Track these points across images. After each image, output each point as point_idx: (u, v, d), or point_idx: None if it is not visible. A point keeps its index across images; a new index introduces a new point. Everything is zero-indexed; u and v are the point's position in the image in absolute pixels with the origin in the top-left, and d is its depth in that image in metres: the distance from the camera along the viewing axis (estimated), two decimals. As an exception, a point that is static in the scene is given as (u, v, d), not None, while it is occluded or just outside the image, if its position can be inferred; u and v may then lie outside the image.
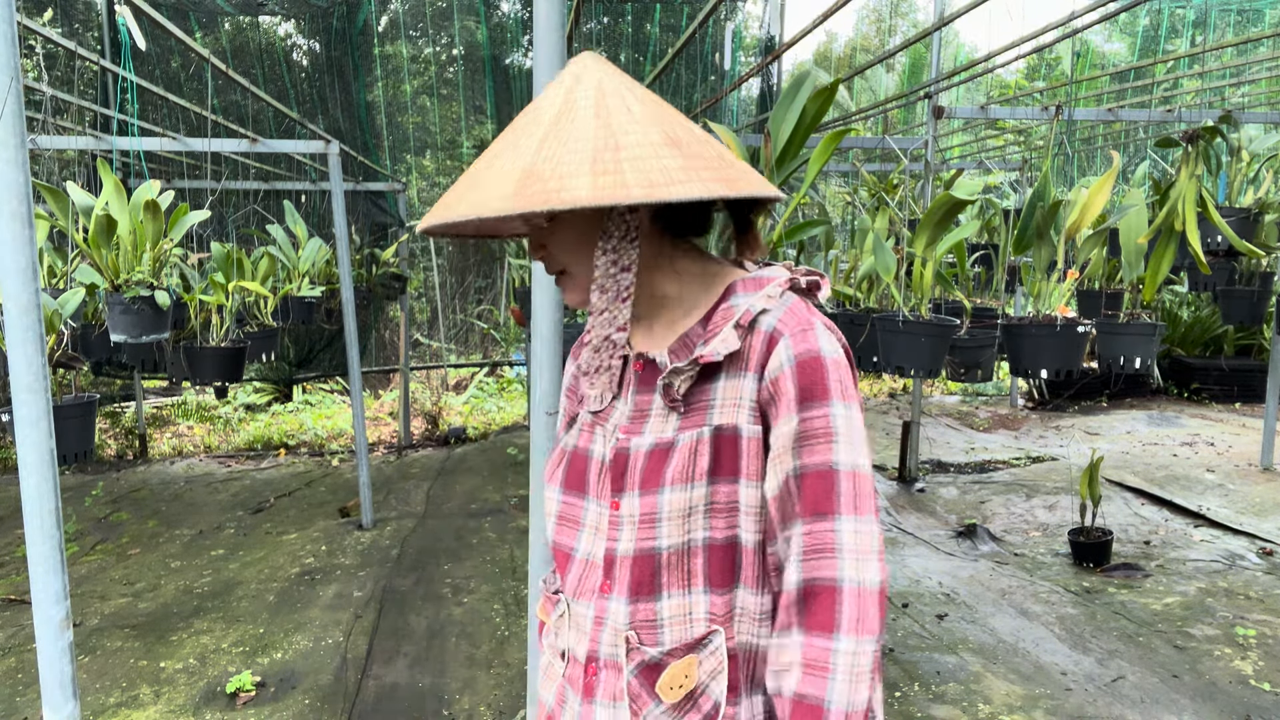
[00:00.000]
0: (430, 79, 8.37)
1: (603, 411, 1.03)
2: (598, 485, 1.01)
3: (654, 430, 0.97)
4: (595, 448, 1.03)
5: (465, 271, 9.88)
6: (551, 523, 1.08)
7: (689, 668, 0.95)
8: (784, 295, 0.97)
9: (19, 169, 1.50)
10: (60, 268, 3.97)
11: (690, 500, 0.93)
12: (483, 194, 0.85)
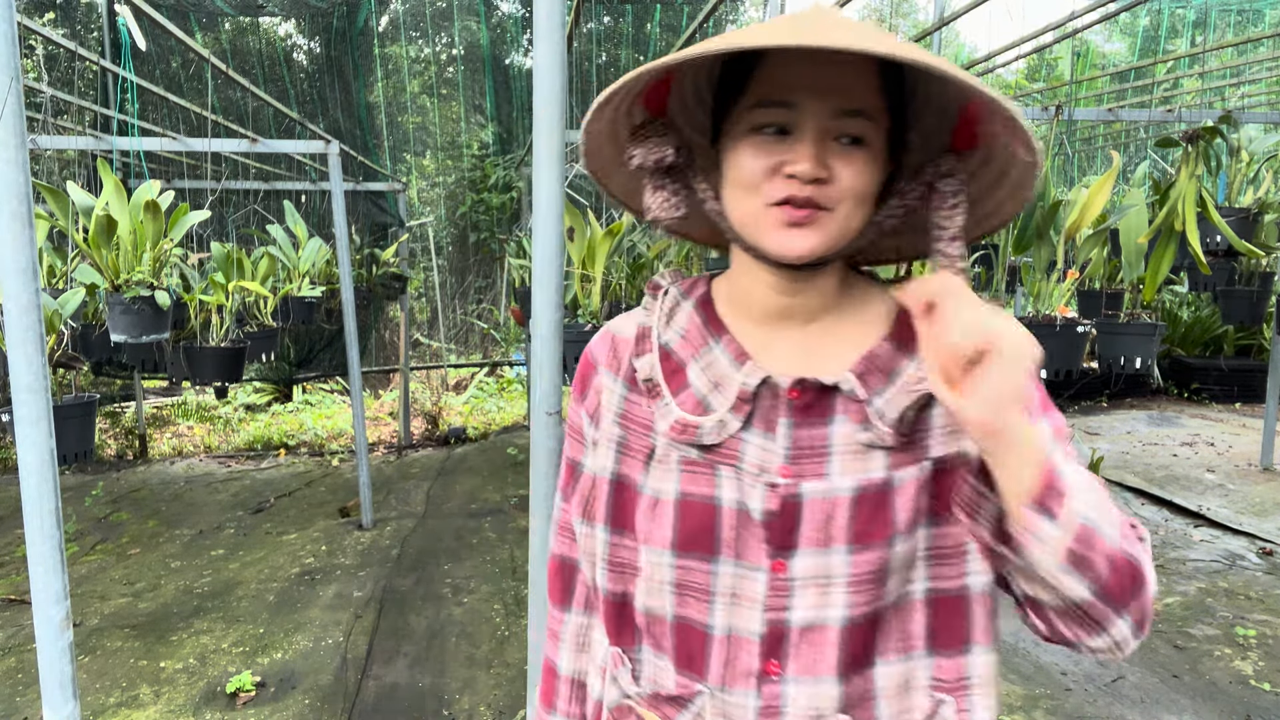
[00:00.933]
0: (430, 79, 8.37)
1: (722, 446, 0.80)
2: (737, 543, 0.79)
3: (849, 471, 0.78)
4: (724, 494, 0.80)
5: (465, 271, 9.88)
6: (666, 593, 0.82)
7: None
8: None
9: (19, 169, 1.50)
10: (60, 268, 3.97)
11: (915, 548, 0.78)
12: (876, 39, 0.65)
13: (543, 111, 1.44)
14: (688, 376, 0.84)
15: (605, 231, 3.31)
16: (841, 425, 0.79)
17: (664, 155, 0.80)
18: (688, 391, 0.83)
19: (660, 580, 0.83)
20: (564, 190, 1.45)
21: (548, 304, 1.50)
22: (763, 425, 0.80)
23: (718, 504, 0.80)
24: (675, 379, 0.84)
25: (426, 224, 9.37)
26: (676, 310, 0.88)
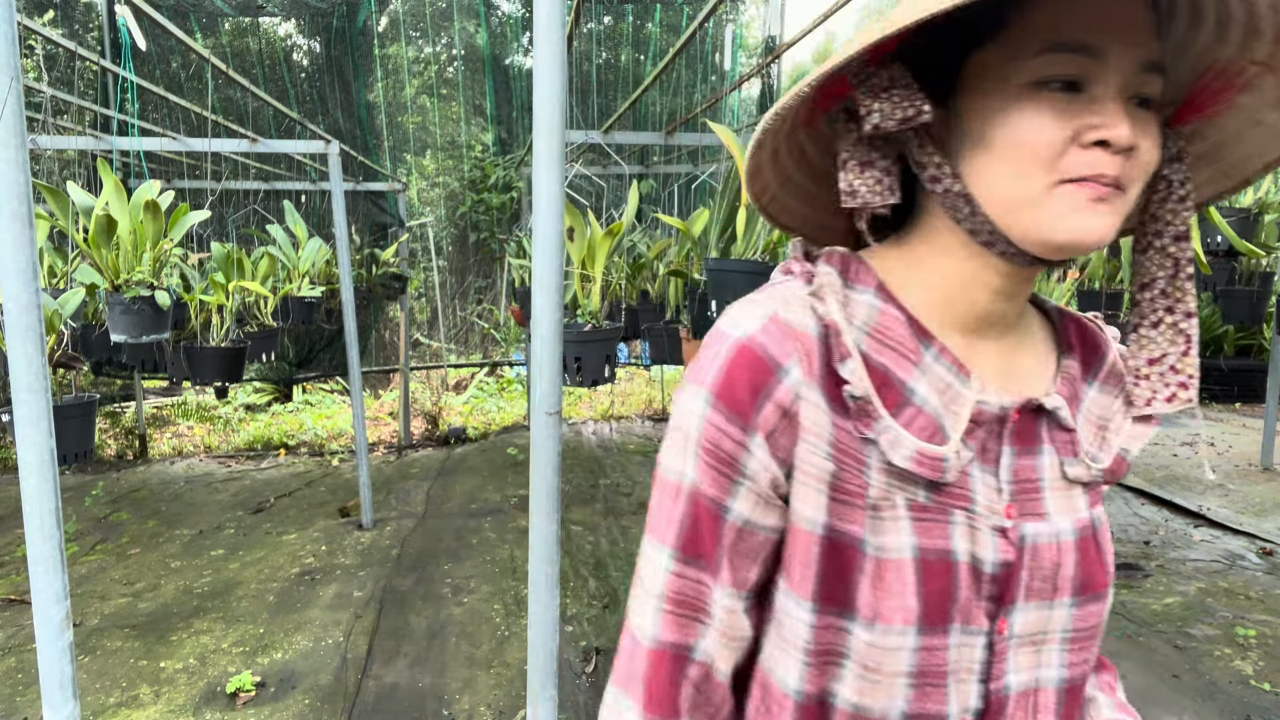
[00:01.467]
0: (430, 79, 8.37)
1: (956, 484, 0.64)
2: (968, 605, 0.64)
3: (1062, 509, 0.67)
4: (959, 545, 0.64)
5: (465, 271, 9.88)
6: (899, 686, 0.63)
7: None
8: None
9: (19, 169, 1.50)
10: (60, 268, 3.97)
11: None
12: None
13: (543, 111, 1.44)
14: (906, 393, 0.64)
15: (605, 231, 3.31)
16: (1048, 456, 0.68)
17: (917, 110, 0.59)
18: (910, 412, 0.64)
19: (893, 670, 0.62)
20: (564, 190, 1.45)
21: (548, 304, 1.50)
22: (980, 455, 0.66)
23: (954, 559, 0.63)
24: (884, 396, 0.64)
25: (426, 224, 9.37)
26: (850, 301, 0.66)
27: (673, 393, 0.74)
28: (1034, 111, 0.58)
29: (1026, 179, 0.58)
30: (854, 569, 0.63)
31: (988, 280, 0.65)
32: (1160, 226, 0.66)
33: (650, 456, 6.47)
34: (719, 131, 3.11)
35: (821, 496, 0.63)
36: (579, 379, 3.10)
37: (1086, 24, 0.57)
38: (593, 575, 4.07)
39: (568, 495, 5.44)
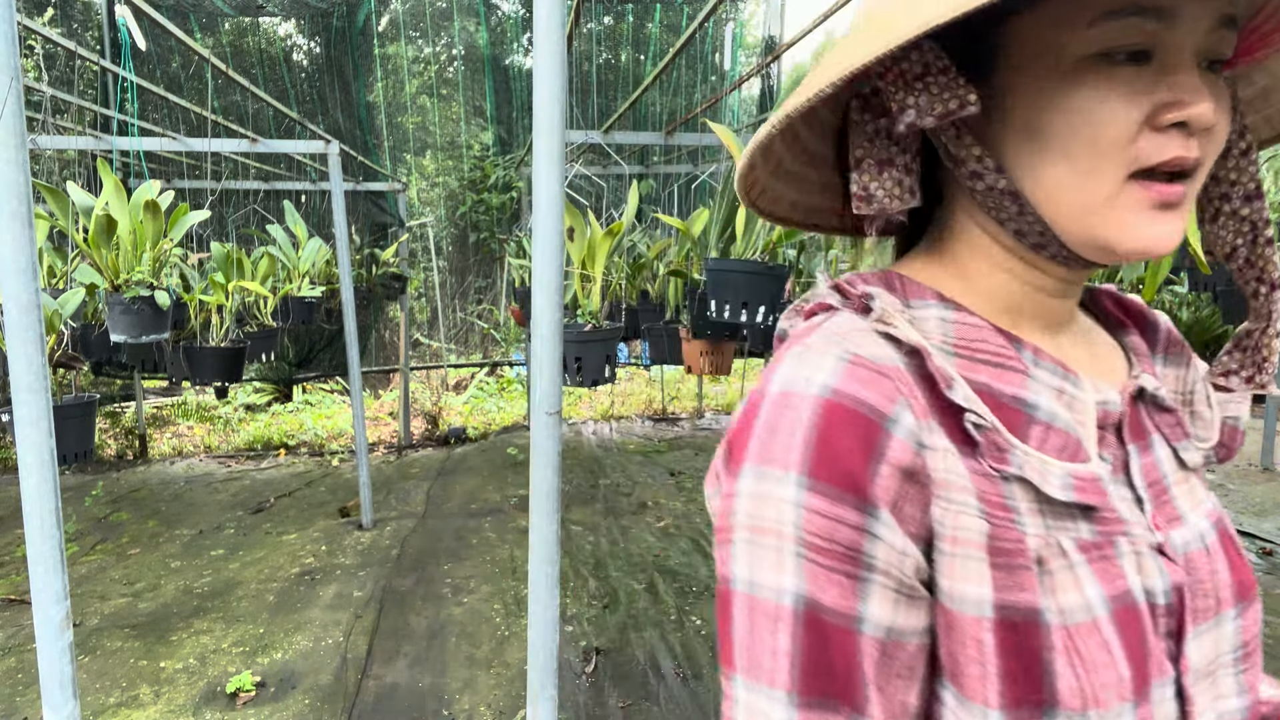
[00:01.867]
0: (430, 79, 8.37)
1: (1103, 511, 0.52)
2: (1156, 653, 0.51)
3: (1192, 505, 0.57)
4: (1134, 581, 0.51)
5: (465, 271, 9.88)
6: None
7: None
8: None
9: (19, 169, 1.50)
10: (60, 268, 3.97)
11: None
12: None
13: (543, 111, 1.44)
14: (1028, 410, 0.52)
15: (605, 231, 3.31)
16: (1161, 447, 0.58)
17: (961, 101, 0.49)
18: (1039, 431, 0.52)
19: None
20: (564, 190, 1.45)
21: (548, 304, 1.50)
22: (1120, 460, 0.56)
23: (1136, 600, 0.50)
24: (1004, 419, 0.52)
25: (426, 224, 9.37)
26: (916, 321, 0.55)
27: (724, 479, 0.52)
28: (1097, 92, 0.47)
29: (1093, 175, 0.49)
30: (1043, 649, 0.47)
31: (1044, 283, 0.56)
32: (1226, 189, 0.57)
33: (650, 456, 6.47)
34: (719, 131, 3.11)
35: (982, 566, 0.48)
36: (579, 379, 3.10)
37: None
38: (593, 575, 4.07)
39: (568, 495, 5.44)
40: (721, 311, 3.06)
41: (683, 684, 3.02)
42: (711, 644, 3.32)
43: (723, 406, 8.42)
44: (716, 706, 2.88)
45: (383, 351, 9.46)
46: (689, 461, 6.28)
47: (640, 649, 3.29)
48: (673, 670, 3.12)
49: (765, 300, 3.02)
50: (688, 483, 5.69)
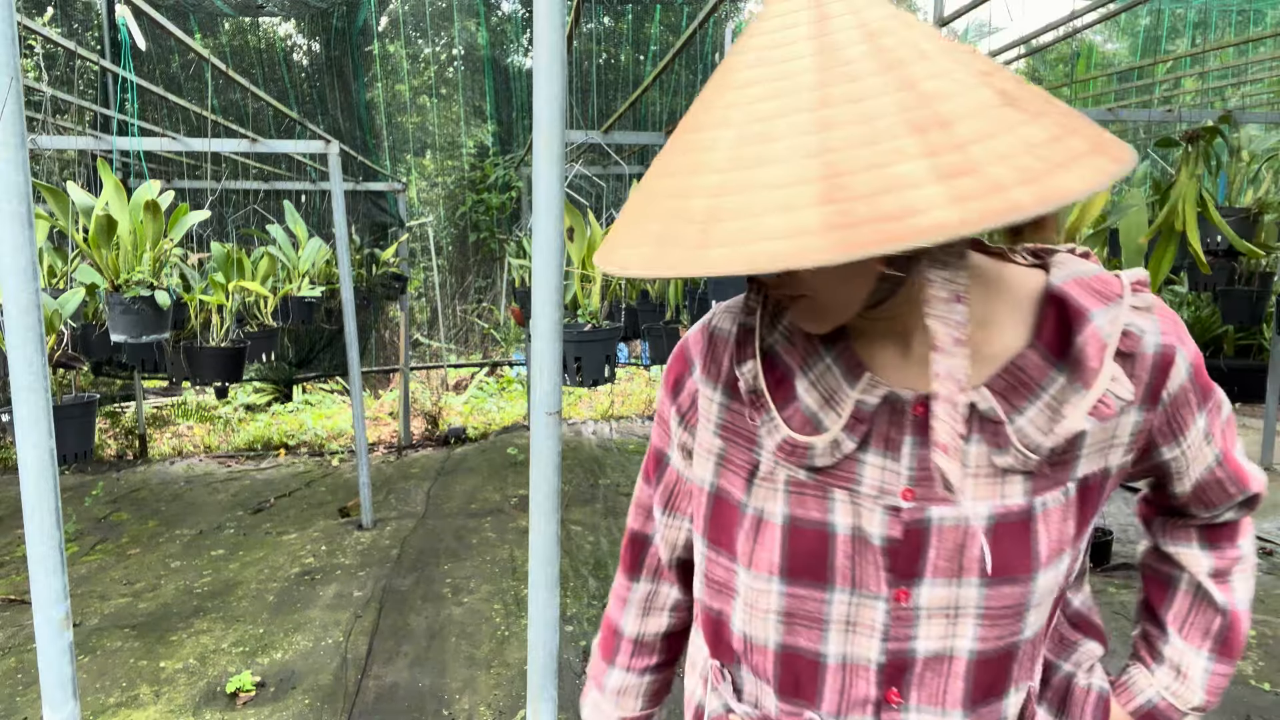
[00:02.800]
0: (430, 79, 8.37)
1: (837, 468, 0.74)
2: (854, 570, 0.74)
3: (983, 496, 0.71)
4: (837, 520, 0.74)
5: (465, 271, 9.88)
6: (771, 622, 0.77)
7: None
8: (1143, 296, 0.73)
9: (19, 169, 1.50)
10: (60, 268, 3.97)
11: (1057, 580, 0.73)
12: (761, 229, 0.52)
13: (543, 111, 1.44)
14: (795, 389, 0.75)
15: (605, 231, 3.31)
16: (976, 445, 0.70)
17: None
18: (795, 406, 0.74)
19: (764, 608, 0.77)
20: (564, 190, 1.45)
21: (548, 304, 1.50)
22: (882, 444, 0.72)
23: (831, 530, 0.74)
24: (781, 390, 0.75)
25: (426, 224, 9.37)
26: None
27: None
28: None
29: None
30: (734, 522, 0.79)
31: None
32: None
33: (650, 456, 6.47)
34: (719, 131, 3.10)
35: (710, 464, 0.82)
36: (579, 379, 3.10)
37: None
38: (593, 575, 4.07)
39: (568, 495, 5.44)
40: (721, 311, 3.06)
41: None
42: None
43: (723, 406, 8.41)
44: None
45: (383, 351, 9.46)
46: (689, 461, 6.28)
47: (640, 649, 3.29)
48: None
49: (765, 300, 3.02)
50: (688, 483, 5.69)
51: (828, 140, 0.53)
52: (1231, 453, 0.82)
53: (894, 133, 0.53)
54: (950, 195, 0.50)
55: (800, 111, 0.55)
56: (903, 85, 0.54)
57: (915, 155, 0.52)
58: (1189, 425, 0.76)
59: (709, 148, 0.58)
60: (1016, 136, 0.53)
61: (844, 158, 0.52)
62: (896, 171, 0.51)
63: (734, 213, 0.54)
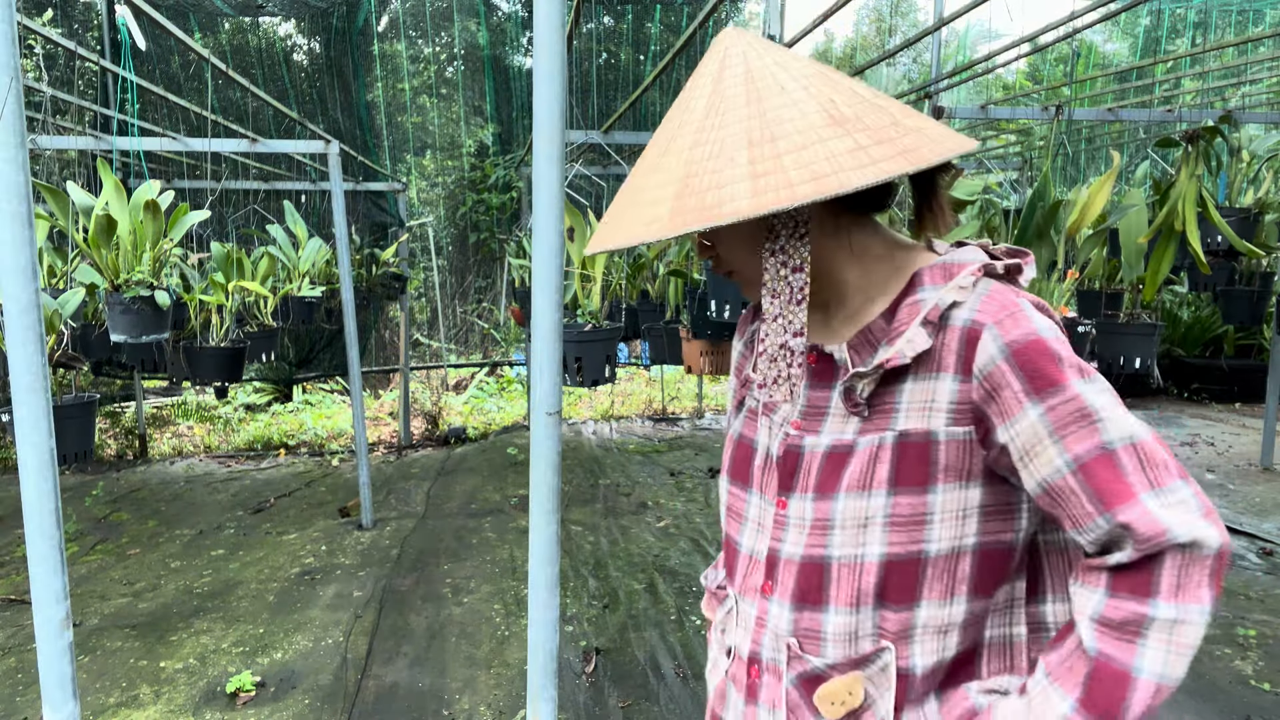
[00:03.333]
0: (430, 79, 8.37)
1: (771, 403, 0.97)
2: (761, 479, 0.97)
3: (832, 431, 0.90)
4: (760, 439, 0.98)
5: (465, 271, 9.88)
6: (723, 513, 1.06)
7: (853, 684, 0.89)
8: (979, 284, 0.85)
9: (19, 169, 1.50)
10: (60, 268, 3.97)
11: (867, 510, 0.86)
12: (639, 217, 0.81)
13: (543, 111, 1.44)
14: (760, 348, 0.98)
15: (605, 231, 3.30)
16: (837, 391, 0.91)
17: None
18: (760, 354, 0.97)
19: (723, 503, 1.06)
20: (564, 190, 1.45)
21: (548, 304, 1.50)
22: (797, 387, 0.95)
23: (754, 445, 0.99)
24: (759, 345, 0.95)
25: (426, 224, 9.37)
26: None
27: None
28: None
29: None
30: (726, 445, 1.07)
31: None
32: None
33: (650, 456, 6.47)
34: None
35: (730, 399, 1.10)
36: (579, 379, 3.10)
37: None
38: (593, 575, 4.07)
39: (568, 495, 5.44)
40: (721, 311, 3.06)
41: (683, 684, 3.02)
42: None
43: (722, 407, 8.42)
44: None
45: (383, 351, 9.46)
46: (689, 461, 6.28)
47: (640, 649, 3.29)
48: (673, 670, 3.12)
49: (765, 300, 3.02)
50: (688, 482, 5.69)
51: (692, 156, 0.80)
52: (1096, 466, 0.77)
53: (734, 148, 0.78)
54: (752, 190, 0.75)
55: (686, 136, 0.82)
56: (755, 115, 0.79)
57: (741, 164, 0.77)
58: (1016, 410, 0.80)
59: (641, 161, 0.87)
60: (824, 148, 0.76)
61: (698, 168, 0.79)
62: (723, 175, 0.77)
63: (631, 206, 0.83)
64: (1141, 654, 0.76)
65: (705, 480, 5.73)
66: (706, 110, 0.82)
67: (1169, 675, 0.75)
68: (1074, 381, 0.79)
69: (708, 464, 6.16)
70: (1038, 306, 0.85)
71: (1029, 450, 0.81)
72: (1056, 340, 0.81)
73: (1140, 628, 0.76)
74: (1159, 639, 0.75)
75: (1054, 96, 7.05)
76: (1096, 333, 3.40)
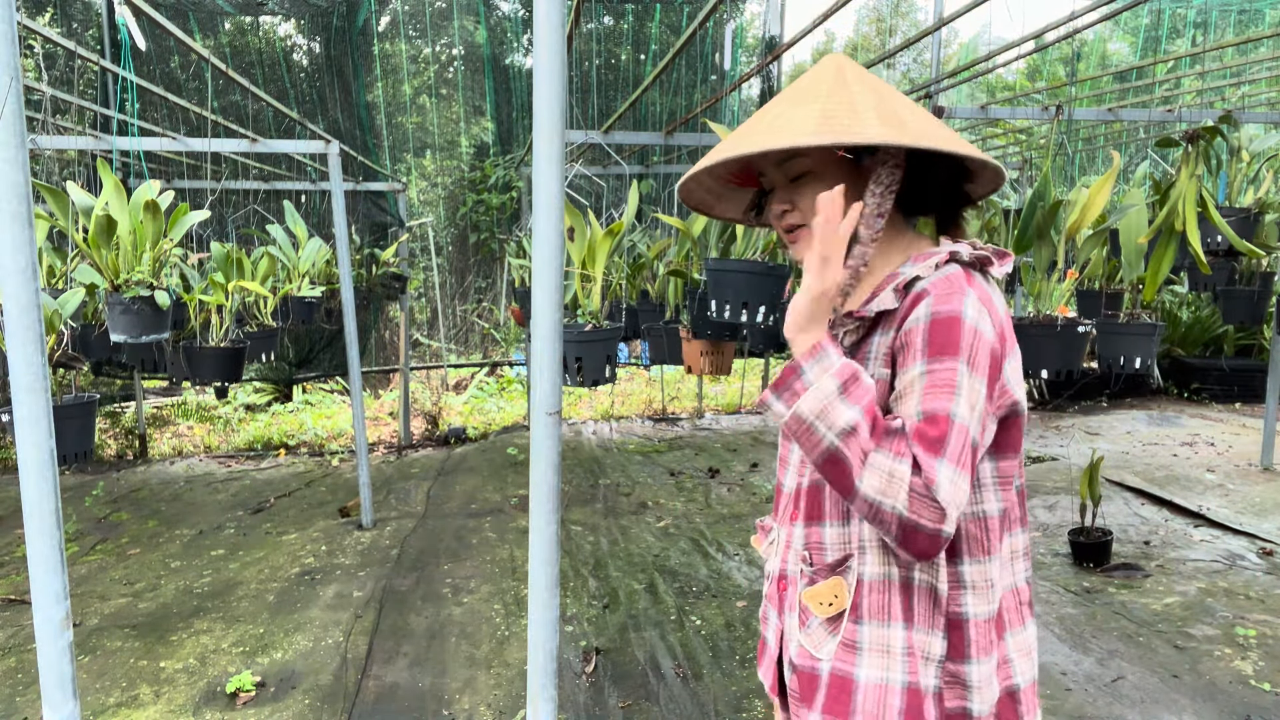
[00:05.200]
0: (430, 79, 8.37)
1: None
2: None
3: None
4: None
5: (465, 271, 9.88)
6: (777, 464, 1.28)
7: (836, 588, 1.11)
8: (944, 266, 1.05)
9: (19, 169, 1.50)
10: (60, 268, 3.97)
11: None
12: (788, 130, 1.02)
13: (543, 111, 1.44)
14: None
15: (605, 231, 3.31)
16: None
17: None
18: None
19: (779, 456, 1.28)
20: (564, 190, 1.45)
21: (548, 304, 1.50)
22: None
23: None
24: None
25: (426, 224, 9.37)
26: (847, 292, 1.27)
27: None
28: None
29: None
30: None
31: None
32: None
33: (650, 456, 6.47)
34: (719, 131, 3.11)
35: None
36: (579, 379, 3.10)
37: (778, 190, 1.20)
38: (593, 575, 4.07)
39: (568, 495, 5.44)
40: (722, 311, 3.06)
41: (683, 684, 3.02)
42: (710, 644, 3.32)
43: (723, 407, 8.42)
44: (717, 706, 2.88)
45: (383, 351, 9.45)
46: (689, 461, 6.28)
47: (640, 649, 3.29)
48: (673, 670, 3.12)
49: (765, 300, 3.02)
50: (688, 483, 5.69)
51: (826, 106, 1.05)
52: (934, 421, 0.97)
53: (865, 108, 1.04)
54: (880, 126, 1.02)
55: (818, 98, 1.07)
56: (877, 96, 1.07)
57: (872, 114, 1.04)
58: (910, 363, 1.01)
59: (764, 111, 1.11)
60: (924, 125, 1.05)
61: (834, 105, 1.05)
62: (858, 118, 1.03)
63: (768, 130, 1.06)
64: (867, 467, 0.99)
65: (705, 480, 5.73)
66: (833, 88, 1.07)
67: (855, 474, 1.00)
68: (957, 362, 0.98)
69: (708, 464, 6.16)
70: (984, 300, 1.02)
71: (903, 393, 1.02)
72: (971, 328, 0.99)
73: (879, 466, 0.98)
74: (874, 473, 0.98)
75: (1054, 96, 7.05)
76: (1097, 333, 3.40)
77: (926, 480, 0.95)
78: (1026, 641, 1.13)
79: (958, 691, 1.07)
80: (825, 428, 0.97)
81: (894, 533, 0.97)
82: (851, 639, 1.09)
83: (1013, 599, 1.13)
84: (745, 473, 5.90)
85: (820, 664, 1.11)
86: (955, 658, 1.07)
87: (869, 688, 1.07)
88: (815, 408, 0.98)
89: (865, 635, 1.08)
